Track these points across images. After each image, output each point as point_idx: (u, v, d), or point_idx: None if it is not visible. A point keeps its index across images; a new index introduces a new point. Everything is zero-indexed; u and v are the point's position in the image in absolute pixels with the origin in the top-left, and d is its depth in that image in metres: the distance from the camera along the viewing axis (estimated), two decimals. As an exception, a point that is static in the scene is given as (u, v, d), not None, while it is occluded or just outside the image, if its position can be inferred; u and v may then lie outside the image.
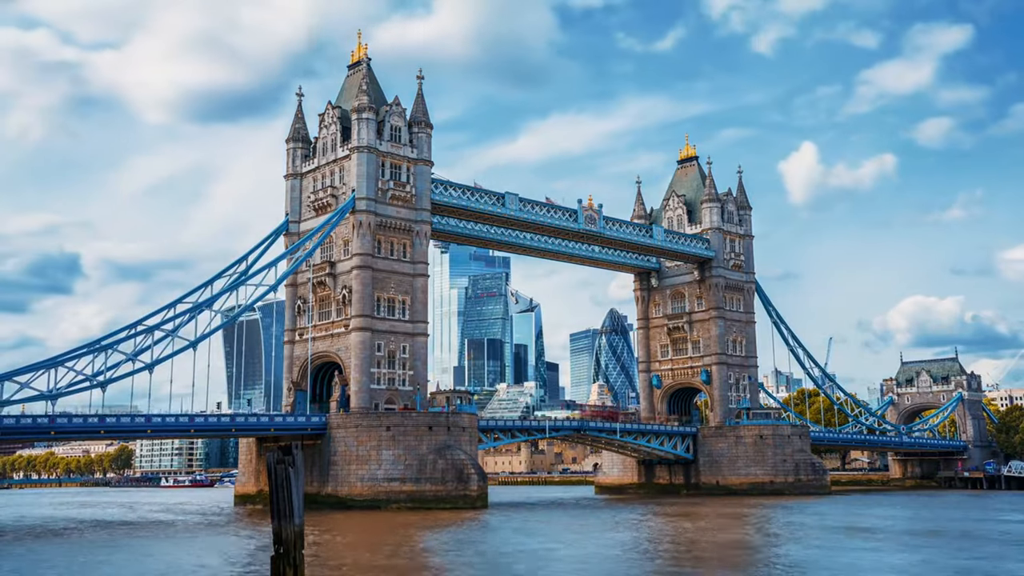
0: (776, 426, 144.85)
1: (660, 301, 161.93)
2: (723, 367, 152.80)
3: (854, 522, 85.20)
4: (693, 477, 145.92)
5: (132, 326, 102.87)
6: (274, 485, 30.04)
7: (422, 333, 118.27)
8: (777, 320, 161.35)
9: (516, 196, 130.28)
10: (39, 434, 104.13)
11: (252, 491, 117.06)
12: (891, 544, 64.90)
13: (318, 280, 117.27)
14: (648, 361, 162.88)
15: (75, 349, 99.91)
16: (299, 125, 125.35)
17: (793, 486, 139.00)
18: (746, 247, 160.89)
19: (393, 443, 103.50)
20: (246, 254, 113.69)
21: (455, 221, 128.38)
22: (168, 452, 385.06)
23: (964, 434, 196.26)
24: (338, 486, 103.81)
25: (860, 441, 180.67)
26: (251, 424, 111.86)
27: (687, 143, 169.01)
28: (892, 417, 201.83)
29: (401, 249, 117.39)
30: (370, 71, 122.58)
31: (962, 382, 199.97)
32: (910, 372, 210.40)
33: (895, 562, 54.23)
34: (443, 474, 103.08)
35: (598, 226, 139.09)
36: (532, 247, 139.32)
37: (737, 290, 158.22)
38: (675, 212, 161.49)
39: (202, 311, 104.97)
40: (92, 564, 56.48)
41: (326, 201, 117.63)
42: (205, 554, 60.45)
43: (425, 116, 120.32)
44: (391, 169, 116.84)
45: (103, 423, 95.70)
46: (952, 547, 62.22)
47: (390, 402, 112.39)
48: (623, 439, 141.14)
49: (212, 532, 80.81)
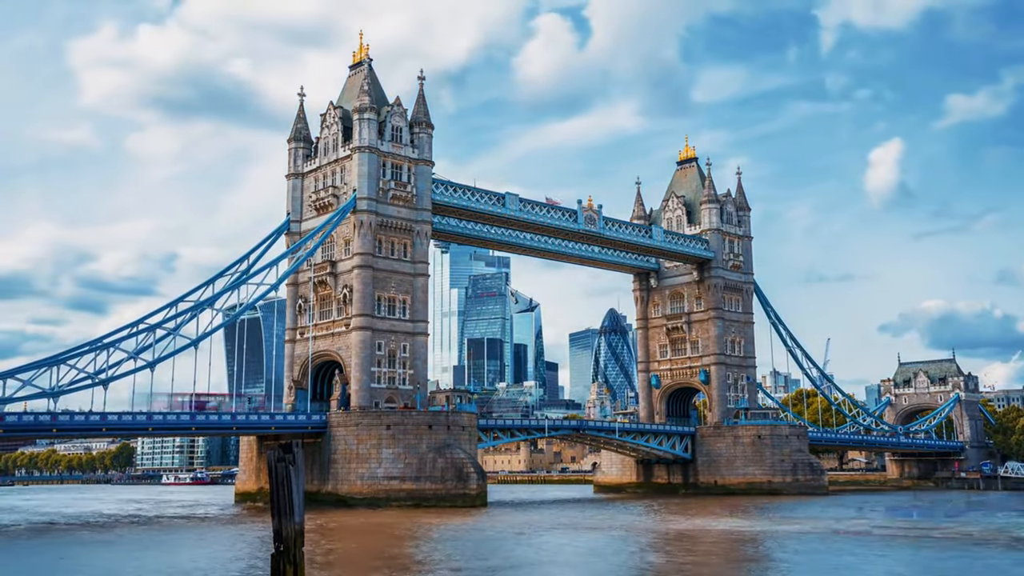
0: (774, 426, 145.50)
1: (659, 301, 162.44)
2: (722, 367, 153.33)
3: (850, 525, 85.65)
4: (691, 477, 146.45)
5: (134, 324, 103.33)
6: (275, 483, 29.96)
7: (422, 332, 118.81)
8: (775, 321, 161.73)
9: (516, 196, 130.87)
10: (41, 431, 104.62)
11: (253, 489, 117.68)
12: (887, 543, 65.38)
13: (319, 279, 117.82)
14: (647, 361, 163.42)
15: (77, 347, 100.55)
16: (301, 125, 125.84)
17: (791, 486, 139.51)
18: (745, 248, 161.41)
19: (393, 442, 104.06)
20: (247, 253, 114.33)
21: (455, 221, 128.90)
22: (169, 450, 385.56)
23: (961, 435, 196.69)
24: (338, 484, 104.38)
25: (857, 441, 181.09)
26: (252, 422, 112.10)
27: (686, 144, 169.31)
28: (890, 418, 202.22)
29: (402, 249, 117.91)
30: (371, 71, 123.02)
31: (959, 383, 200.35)
32: (908, 373, 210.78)
33: (890, 561, 54.79)
34: (443, 473, 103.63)
35: (598, 226, 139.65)
36: (532, 247, 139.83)
37: (736, 291, 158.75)
38: (674, 213, 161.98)
39: (203, 310, 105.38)
40: (90, 561, 57.04)
41: (327, 201, 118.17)
42: (207, 551, 61.01)
43: (426, 117, 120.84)
44: (392, 169, 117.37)
45: (104, 421, 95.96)
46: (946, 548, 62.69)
47: (390, 401, 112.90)
48: (622, 439, 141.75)
49: (213, 529, 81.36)
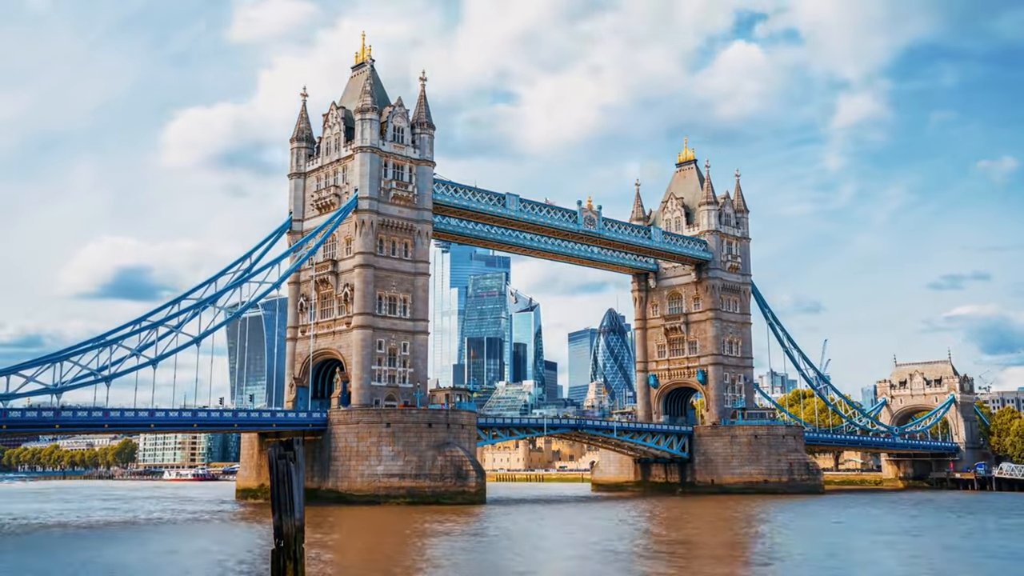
0: (771, 426, 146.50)
1: (658, 302, 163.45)
2: (719, 367, 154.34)
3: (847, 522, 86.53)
4: (689, 476, 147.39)
5: (137, 322, 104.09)
6: (275, 480, 29.93)
7: (423, 331, 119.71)
8: (773, 322, 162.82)
9: (516, 197, 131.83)
10: (44, 427, 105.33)
11: (253, 485, 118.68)
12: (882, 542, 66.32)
13: (321, 278, 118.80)
14: (645, 361, 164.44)
15: (80, 344, 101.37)
16: (303, 125, 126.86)
17: (787, 486, 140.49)
18: (743, 250, 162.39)
19: (393, 439, 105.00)
20: (250, 251, 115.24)
21: (456, 221, 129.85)
22: (171, 446, 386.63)
23: (956, 436, 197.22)
24: (338, 481, 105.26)
25: (853, 442, 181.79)
26: (253, 420, 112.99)
27: (686, 146, 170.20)
28: (886, 419, 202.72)
29: (403, 248, 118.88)
30: (374, 72, 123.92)
31: (955, 384, 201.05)
32: (903, 374, 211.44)
33: (885, 558, 55.63)
34: (442, 470, 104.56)
35: (597, 227, 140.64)
36: (532, 247, 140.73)
37: (734, 292, 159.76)
38: (673, 214, 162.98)
39: (206, 307, 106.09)
40: (89, 556, 57.84)
41: (329, 200, 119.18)
42: (207, 546, 61.58)
43: (428, 118, 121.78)
44: (393, 169, 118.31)
45: (107, 417, 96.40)
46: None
47: (391, 399, 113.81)
48: (620, 437, 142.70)
49: (214, 525, 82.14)
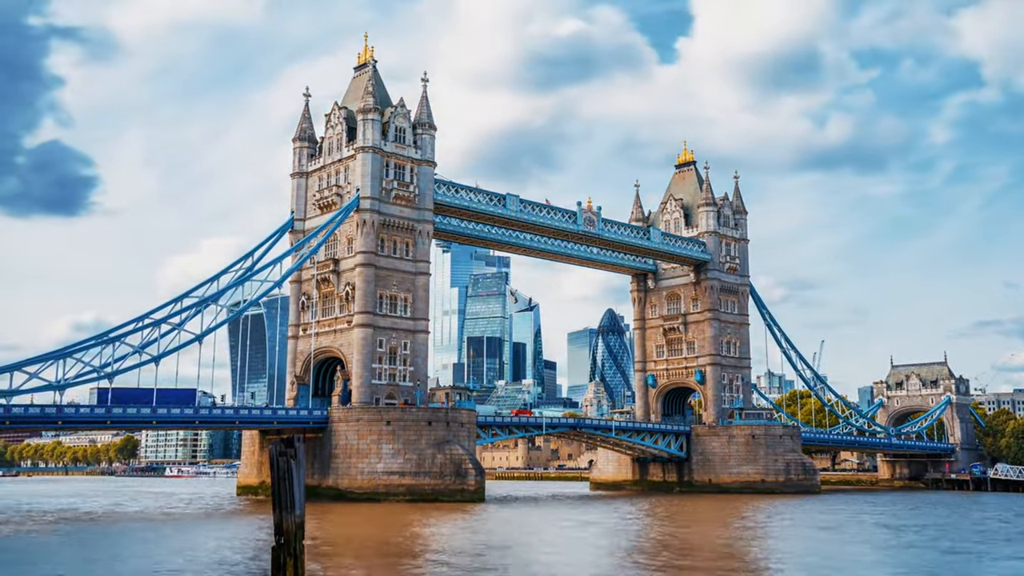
0: (768, 426, 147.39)
1: (656, 302, 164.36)
2: (717, 368, 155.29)
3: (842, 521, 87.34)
4: (686, 475, 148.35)
5: (140, 319, 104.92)
6: (276, 477, 30.10)
7: (423, 330, 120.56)
8: (771, 323, 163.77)
9: (517, 197, 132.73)
10: (47, 423, 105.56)
11: (254, 482, 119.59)
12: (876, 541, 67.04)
13: (322, 277, 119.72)
14: (644, 361, 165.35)
15: (83, 341, 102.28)
16: (306, 125, 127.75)
17: (784, 485, 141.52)
18: (741, 250, 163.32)
19: (393, 437, 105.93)
20: (252, 250, 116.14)
21: (457, 221, 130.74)
22: (173, 443, 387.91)
23: (952, 437, 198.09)
24: (338, 479, 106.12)
25: (850, 442, 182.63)
26: (254, 417, 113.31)
27: (685, 148, 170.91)
28: (882, 419, 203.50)
29: (404, 248, 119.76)
30: (376, 73, 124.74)
31: (951, 386, 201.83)
32: (900, 375, 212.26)
33: (879, 557, 56.28)
34: (442, 468, 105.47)
35: (597, 228, 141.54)
36: (532, 247, 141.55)
37: (732, 292, 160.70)
38: (672, 215, 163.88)
39: (208, 305, 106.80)
40: (93, 554, 58.66)
41: (331, 199, 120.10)
42: (208, 543, 62.00)
43: (429, 118, 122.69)
44: (395, 169, 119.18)
45: (109, 414, 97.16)
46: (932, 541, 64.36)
47: (391, 397, 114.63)
48: (618, 437, 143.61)
49: (215, 521, 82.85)
